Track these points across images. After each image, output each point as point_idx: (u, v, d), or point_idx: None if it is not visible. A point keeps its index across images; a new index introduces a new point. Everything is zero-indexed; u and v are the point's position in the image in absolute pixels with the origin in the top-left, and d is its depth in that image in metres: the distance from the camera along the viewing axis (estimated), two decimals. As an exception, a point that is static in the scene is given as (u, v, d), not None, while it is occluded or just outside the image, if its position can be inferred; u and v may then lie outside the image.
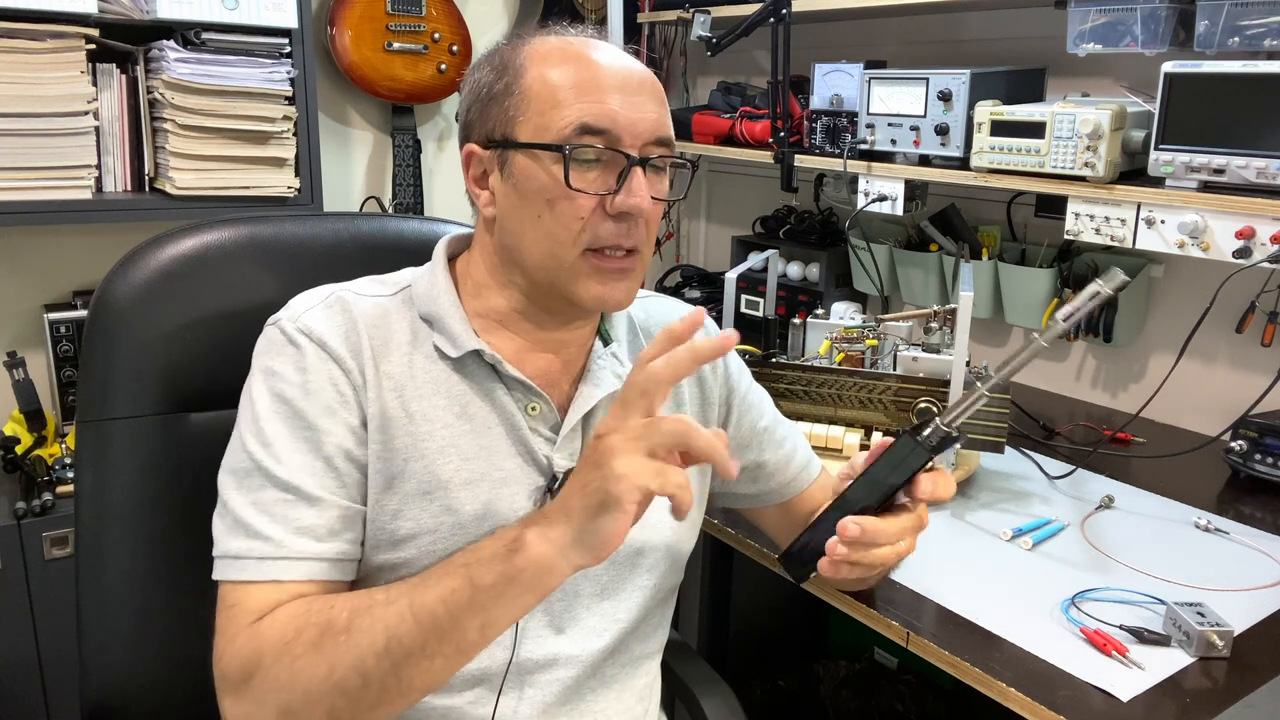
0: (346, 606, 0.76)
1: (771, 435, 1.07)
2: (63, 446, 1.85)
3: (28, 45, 1.68)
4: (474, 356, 0.89)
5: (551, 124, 0.84)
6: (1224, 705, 0.93)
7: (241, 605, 0.80)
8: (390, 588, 0.77)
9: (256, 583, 0.80)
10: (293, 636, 0.75)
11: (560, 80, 0.85)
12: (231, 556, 0.81)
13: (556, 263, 0.86)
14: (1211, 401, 1.68)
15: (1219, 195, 1.36)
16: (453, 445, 0.87)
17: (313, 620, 0.76)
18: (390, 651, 0.73)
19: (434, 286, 0.91)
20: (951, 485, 0.85)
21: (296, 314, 0.87)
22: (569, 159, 0.83)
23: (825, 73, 1.92)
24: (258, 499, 0.82)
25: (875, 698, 1.85)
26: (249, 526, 0.81)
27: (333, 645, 0.74)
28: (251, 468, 0.83)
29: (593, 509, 0.70)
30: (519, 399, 0.90)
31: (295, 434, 0.83)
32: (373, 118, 2.41)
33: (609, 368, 0.94)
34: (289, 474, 0.82)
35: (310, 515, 0.82)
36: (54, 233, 2.01)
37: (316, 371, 0.84)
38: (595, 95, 0.84)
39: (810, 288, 2.23)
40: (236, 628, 0.79)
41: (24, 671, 1.72)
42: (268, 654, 0.76)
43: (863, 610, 1.11)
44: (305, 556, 0.81)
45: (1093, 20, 1.52)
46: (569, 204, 0.84)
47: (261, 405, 0.84)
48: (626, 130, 0.84)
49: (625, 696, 0.95)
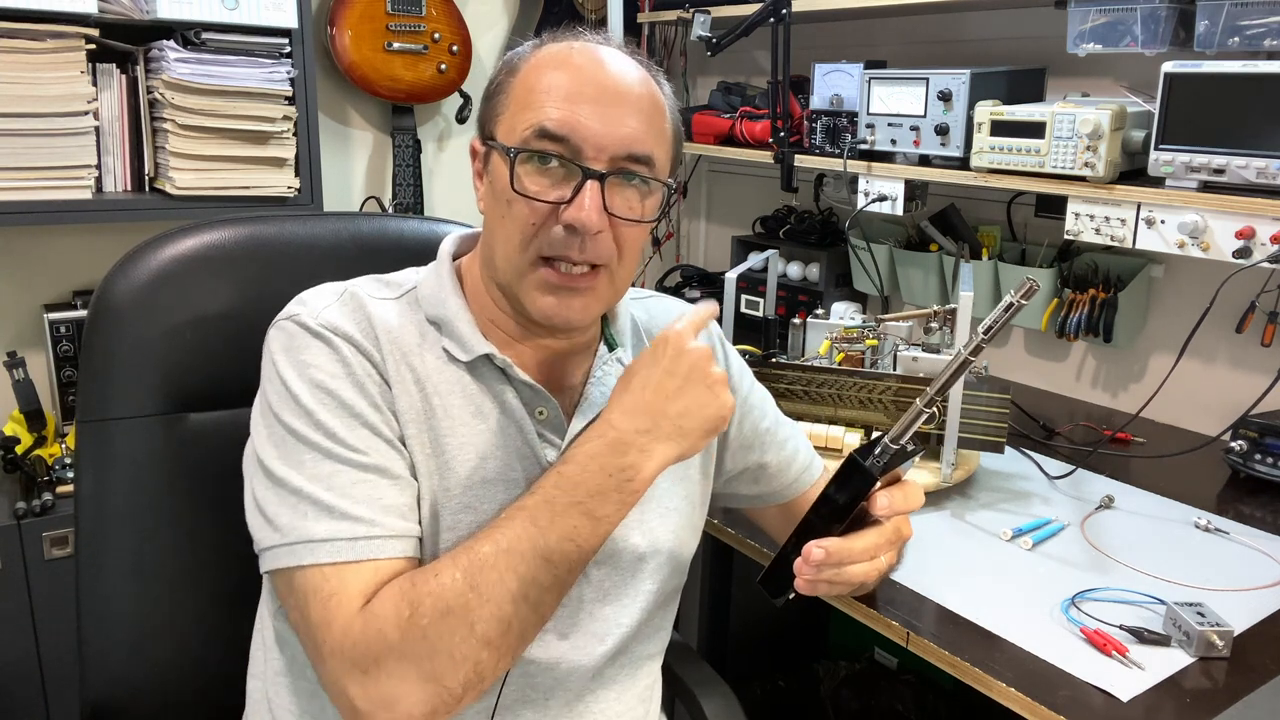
0: (456, 569, 0.76)
1: (774, 436, 1.07)
2: (63, 446, 1.85)
3: (28, 45, 1.68)
4: (484, 360, 0.88)
5: (517, 125, 0.84)
6: (1224, 705, 0.93)
7: (344, 591, 0.76)
8: (491, 539, 0.77)
9: (353, 564, 0.77)
10: (410, 612, 0.74)
11: (540, 84, 0.84)
12: (318, 540, 0.77)
13: (510, 266, 0.86)
14: (1211, 401, 1.68)
15: (1219, 195, 1.36)
16: (470, 443, 0.87)
17: (426, 590, 0.75)
18: (528, 596, 0.77)
19: (440, 288, 0.90)
20: (918, 496, 0.85)
21: (316, 310, 0.86)
22: (514, 161, 0.83)
23: (825, 73, 1.92)
24: (332, 483, 0.79)
25: (875, 698, 1.85)
26: (334, 508, 0.78)
27: (464, 605, 0.74)
28: (319, 455, 0.80)
29: (710, 431, 0.82)
30: (528, 403, 0.89)
31: (351, 423, 0.81)
32: (373, 118, 2.41)
33: (614, 374, 0.93)
34: (364, 457, 0.80)
35: (393, 493, 0.81)
36: (54, 233, 2.00)
37: (354, 363, 0.83)
38: (564, 102, 0.83)
39: (810, 288, 2.24)
40: (347, 616, 0.75)
41: (24, 671, 1.72)
42: (391, 633, 0.74)
43: (863, 610, 1.11)
44: (399, 534, 0.80)
45: (1093, 20, 1.52)
46: (521, 206, 0.84)
47: (306, 398, 0.81)
48: (589, 141, 0.82)
49: (626, 698, 0.95)
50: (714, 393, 0.82)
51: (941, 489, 1.38)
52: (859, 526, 0.84)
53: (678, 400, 0.81)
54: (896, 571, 1.16)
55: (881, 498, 0.83)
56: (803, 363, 1.49)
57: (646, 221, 0.87)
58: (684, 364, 0.81)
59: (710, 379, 0.82)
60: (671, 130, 0.90)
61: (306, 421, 0.81)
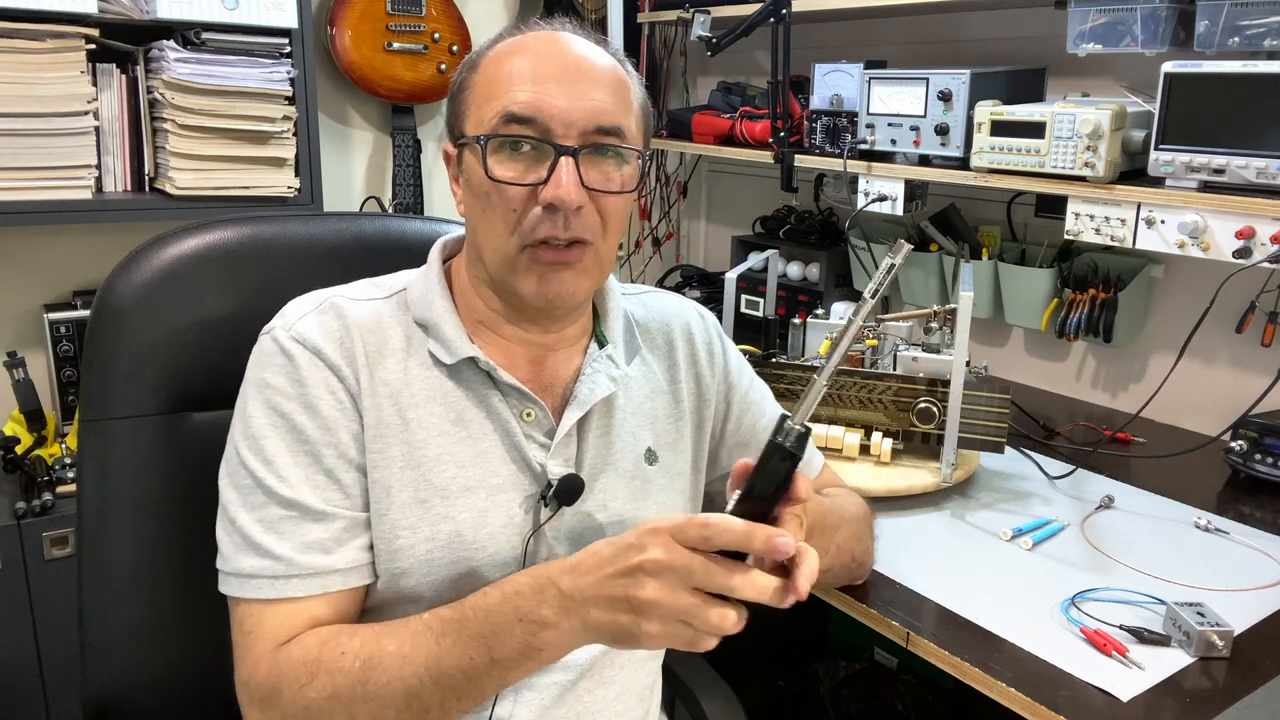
0: (359, 655, 0.77)
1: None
2: (63, 446, 1.85)
3: (28, 45, 1.68)
4: (469, 363, 0.88)
5: (484, 116, 0.84)
6: (1224, 705, 0.93)
7: (261, 629, 0.81)
8: (401, 636, 0.78)
9: (271, 602, 0.81)
10: (307, 680, 0.77)
11: (500, 72, 0.85)
12: (245, 575, 0.82)
13: (500, 257, 0.86)
14: (1211, 401, 1.68)
15: (1219, 195, 1.36)
16: (449, 453, 0.86)
17: (325, 666, 0.77)
18: (411, 706, 0.76)
19: (428, 291, 0.90)
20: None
21: (290, 322, 0.86)
22: (485, 149, 0.83)
23: (825, 73, 1.92)
24: (263, 516, 0.82)
25: (875, 698, 1.85)
26: (258, 545, 0.81)
27: (349, 696, 0.76)
28: (254, 485, 0.83)
29: (615, 639, 0.73)
30: (514, 405, 0.89)
31: (295, 448, 0.83)
32: (373, 118, 2.41)
33: (604, 371, 0.93)
34: (292, 491, 0.82)
35: (316, 530, 0.82)
36: (54, 233, 2.00)
37: (312, 381, 0.84)
38: (527, 85, 0.83)
39: (810, 288, 2.23)
40: (258, 653, 0.80)
41: (24, 671, 1.72)
42: (286, 690, 0.78)
43: (863, 610, 1.11)
44: (317, 571, 0.82)
45: (1093, 20, 1.52)
46: (499, 195, 0.84)
47: (258, 421, 0.84)
48: (557, 119, 0.82)
49: (625, 698, 0.95)
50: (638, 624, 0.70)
51: (941, 489, 1.38)
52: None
53: (601, 596, 0.72)
54: (896, 572, 1.16)
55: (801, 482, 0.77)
56: (803, 363, 1.49)
57: (627, 192, 0.87)
58: (631, 561, 0.71)
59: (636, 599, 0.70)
60: (639, 104, 0.90)
61: (251, 447, 0.84)
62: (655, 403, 0.98)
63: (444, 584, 0.85)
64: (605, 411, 0.93)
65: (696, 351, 1.03)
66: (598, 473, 0.92)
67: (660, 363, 1.00)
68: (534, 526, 0.88)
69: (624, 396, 0.95)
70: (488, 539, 0.86)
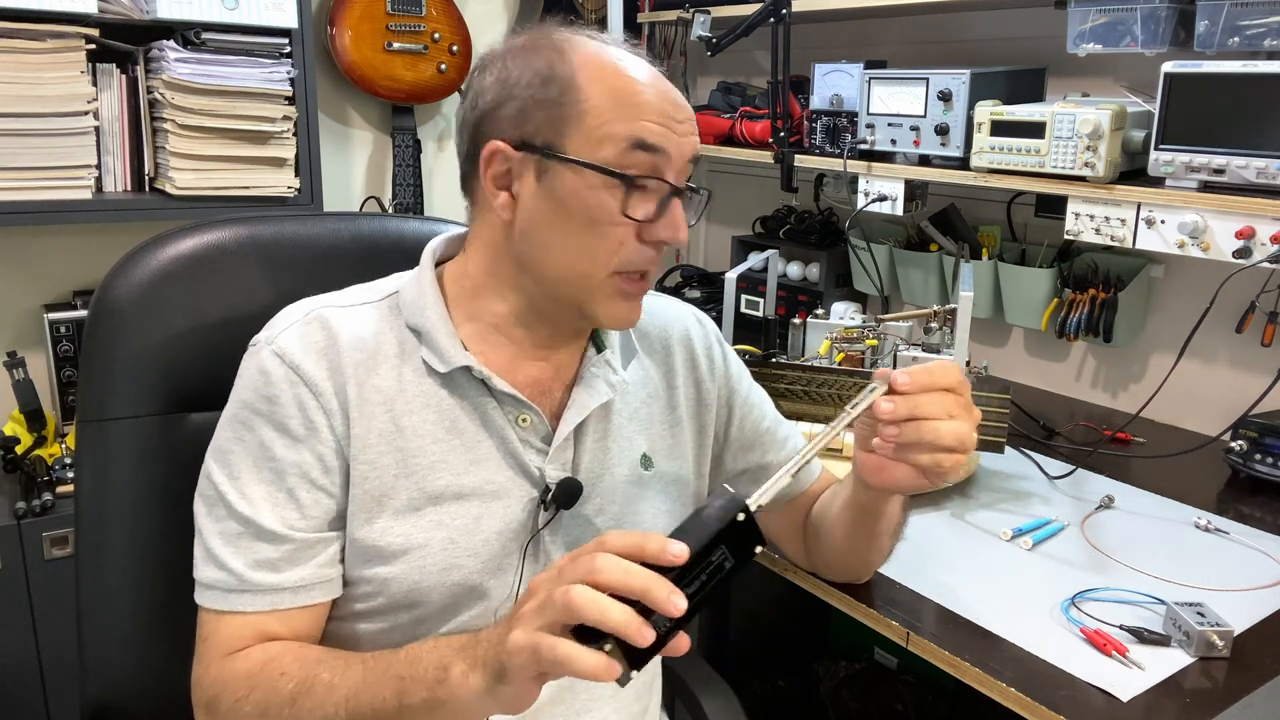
0: (294, 678, 0.78)
1: (774, 436, 1.07)
2: (63, 446, 1.85)
3: (28, 45, 1.68)
4: (463, 371, 0.87)
5: (603, 136, 0.82)
6: (1224, 705, 0.93)
7: (214, 636, 0.83)
8: (335, 666, 0.78)
9: (225, 613, 0.83)
10: (245, 694, 0.79)
11: (617, 98, 0.82)
12: (204, 585, 0.84)
13: (585, 280, 0.85)
14: (1211, 401, 1.68)
15: (1219, 195, 1.36)
16: (443, 461, 0.86)
17: (263, 683, 0.79)
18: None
19: (421, 296, 0.89)
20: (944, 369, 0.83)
21: (273, 335, 0.86)
22: (631, 188, 0.82)
23: (825, 73, 1.92)
24: (224, 529, 0.84)
25: (875, 698, 1.85)
26: (216, 557, 0.84)
27: (278, 717, 0.77)
28: (217, 497, 0.84)
29: (495, 674, 0.68)
30: (509, 412, 0.89)
31: (259, 465, 0.84)
32: (373, 118, 2.41)
33: (602, 375, 0.93)
34: (251, 509, 0.83)
35: (268, 549, 0.83)
36: (54, 233, 2.00)
37: (285, 400, 0.83)
38: (653, 113, 0.83)
39: (810, 288, 2.23)
40: (209, 659, 0.83)
41: (24, 671, 1.72)
42: (224, 700, 0.80)
43: (863, 610, 1.11)
44: (265, 589, 0.83)
45: (1093, 20, 1.52)
46: (613, 229, 0.83)
47: (226, 435, 0.85)
48: (676, 154, 0.84)
49: (623, 694, 0.95)
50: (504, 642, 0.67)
51: (941, 489, 1.38)
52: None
53: (495, 632, 0.70)
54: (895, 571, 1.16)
55: (900, 376, 0.81)
56: (803, 363, 1.49)
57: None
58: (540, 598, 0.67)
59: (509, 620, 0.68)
60: None
61: (219, 460, 0.85)
62: (651, 408, 0.98)
63: (438, 591, 0.85)
64: (603, 416, 0.93)
65: (696, 358, 1.03)
66: (595, 477, 0.92)
67: (657, 368, 1.00)
68: (533, 531, 0.88)
69: (621, 401, 0.95)
70: (481, 545, 0.86)
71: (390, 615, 0.85)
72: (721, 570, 0.67)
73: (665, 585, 0.63)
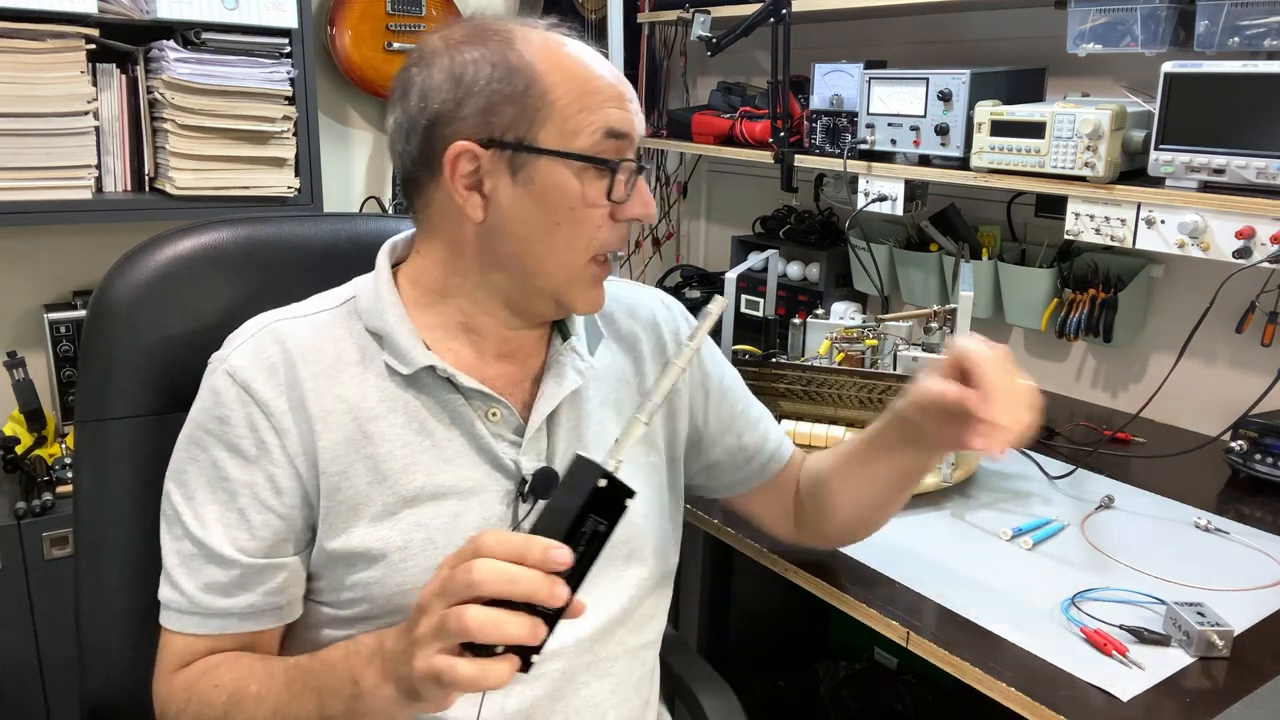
0: (227, 691, 0.80)
1: (747, 418, 1.08)
2: (63, 446, 1.85)
3: (28, 45, 1.68)
4: (427, 371, 0.86)
5: (576, 128, 0.82)
6: (1224, 705, 0.93)
7: (166, 650, 0.86)
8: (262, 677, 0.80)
9: (176, 632, 0.85)
10: (183, 705, 0.82)
11: (579, 85, 0.83)
12: (162, 602, 0.86)
13: (567, 270, 0.85)
14: (1211, 401, 1.68)
15: (1219, 195, 1.36)
16: (415, 463, 0.85)
17: (198, 695, 0.82)
18: None
19: (379, 300, 0.88)
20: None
21: (226, 353, 0.86)
22: (615, 172, 0.83)
23: (825, 73, 1.92)
24: (180, 549, 0.85)
25: (875, 698, 1.85)
26: (171, 576, 0.85)
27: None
28: (175, 516, 0.85)
29: (407, 691, 0.69)
30: (478, 407, 0.88)
31: (214, 485, 0.84)
32: (373, 118, 2.41)
33: (570, 363, 0.92)
34: (203, 530, 0.84)
35: (217, 573, 0.84)
36: (54, 233, 2.00)
37: (236, 420, 0.83)
38: (612, 99, 0.84)
39: (810, 288, 2.24)
40: (160, 671, 0.86)
41: (24, 671, 1.72)
42: (169, 711, 0.84)
43: (863, 610, 1.11)
44: (212, 613, 0.84)
45: (1093, 20, 1.52)
46: (590, 213, 0.84)
47: (182, 454, 0.86)
48: (635, 135, 0.86)
49: (622, 689, 0.94)
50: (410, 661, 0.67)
51: (941, 489, 1.38)
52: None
53: (401, 640, 0.70)
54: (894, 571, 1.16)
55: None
56: (803, 363, 1.49)
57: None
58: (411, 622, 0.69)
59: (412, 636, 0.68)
60: None
61: (176, 479, 0.86)
62: (621, 393, 0.98)
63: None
64: (574, 404, 0.92)
65: (664, 341, 1.03)
66: None
67: (625, 353, 1.00)
68: (513, 524, 0.88)
69: (592, 388, 0.94)
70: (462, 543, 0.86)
71: (378, 621, 0.85)
72: (597, 536, 0.68)
73: (546, 583, 0.64)
